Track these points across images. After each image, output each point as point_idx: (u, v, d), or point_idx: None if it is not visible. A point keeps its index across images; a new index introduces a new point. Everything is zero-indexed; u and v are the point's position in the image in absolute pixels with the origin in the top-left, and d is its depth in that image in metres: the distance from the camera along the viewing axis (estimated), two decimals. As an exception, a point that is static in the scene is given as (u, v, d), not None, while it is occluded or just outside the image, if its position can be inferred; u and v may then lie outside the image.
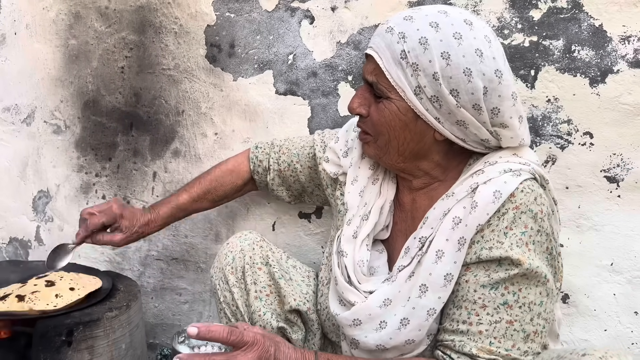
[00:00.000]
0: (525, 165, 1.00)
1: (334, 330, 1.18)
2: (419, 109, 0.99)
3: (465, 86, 0.96)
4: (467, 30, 0.96)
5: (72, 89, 1.74)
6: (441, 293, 0.98)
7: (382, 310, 1.02)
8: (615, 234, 1.35)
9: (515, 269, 0.94)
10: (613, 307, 1.37)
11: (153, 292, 1.75)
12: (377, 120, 1.04)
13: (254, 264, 1.21)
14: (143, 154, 1.70)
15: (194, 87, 1.63)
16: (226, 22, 1.57)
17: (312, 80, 1.52)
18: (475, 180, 1.00)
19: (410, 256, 1.03)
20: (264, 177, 1.39)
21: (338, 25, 1.48)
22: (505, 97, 0.98)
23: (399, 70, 0.98)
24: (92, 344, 1.22)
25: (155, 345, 1.76)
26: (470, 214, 0.96)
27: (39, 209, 1.83)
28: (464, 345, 0.95)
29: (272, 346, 0.92)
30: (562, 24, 1.32)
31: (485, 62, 0.96)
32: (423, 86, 0.97)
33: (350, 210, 1.14)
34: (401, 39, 0.97)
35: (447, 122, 1.00)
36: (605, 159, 1.33)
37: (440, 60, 0.95)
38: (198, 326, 0.88)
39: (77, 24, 1.71)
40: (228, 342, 0.89)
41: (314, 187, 1.35)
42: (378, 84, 1.01)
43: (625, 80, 1.30)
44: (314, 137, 1.32)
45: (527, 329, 0.94)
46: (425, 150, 1.05)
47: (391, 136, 1.03)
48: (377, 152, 1.08)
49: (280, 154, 1.36)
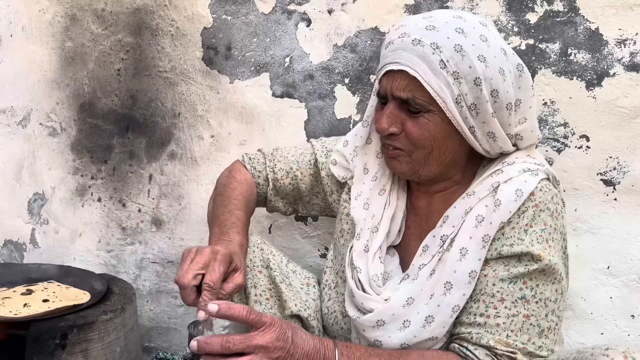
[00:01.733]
0: (540, 166, 1.03)
1: (343, 334, 1.18)
2: (457, 119, 0.99)
3: (502, 85, 0.98)
4: (487, 32, 0.99)
5: (68, 91, 1.74)
6: (465, 290, 0.99)
7: (406, 310, 1.03)
8: (611, 237, 1.35)
9: (534, 265, 0.96)
10: (610, 311, 1.37)
11: (149, 295, 1.74)
12: (418, 136, 1.01)
13: (254, 266, 1.19)
14: (139, 156, 1.70)
15: (190, 90, 1.62)
16: (223, 25, 1.57)
17: (309, 83, 1.52)
18: (495, 179, 1.02)
19: (430, 254, 1.04)
20: (265, 187, 1.31)
21: (335, 28, 1.48)
22: (526, 88, 1.02)
23: (440, 81, 0.96)
24: (87, 347, 1.21)
25: (151, 349, 1.75)
26: (494, 212, 0.99)
27: (34, 211, 1.82)
28: (481, 338, 0.96)
29: (289, 329, 0.91)
30: (559, 27, 1.33)
31: (509, 59, 0.99)
32: (464, 94, 0.97)
33: (358, 224, 1.14)
34: (436, 50, 0.95)
35: (479, 132, 1.01)
36: (601, 162, 1.33)
37: (480, 64, 0.96)
38: (219, 303, 0.88)
39: (73, 26, 1.71)
40: (247, 320, 0.88)
41: (312, 196, 1.31)
42: (416, 99, 0.99)
43: (621, 83, 1.30)
44: (313, 144, 1.30)
45: (542, 324, 0.97)
46: (460, 157, 1.07)
47: (434, 147, 1.03)
48: (412, 167, 1.06)
49: (275, 162, 1.30)
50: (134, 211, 1.72)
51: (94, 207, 1.75)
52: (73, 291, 1.37)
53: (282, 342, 0.89)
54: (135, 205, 1.72)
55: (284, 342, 0.89)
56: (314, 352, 0.92)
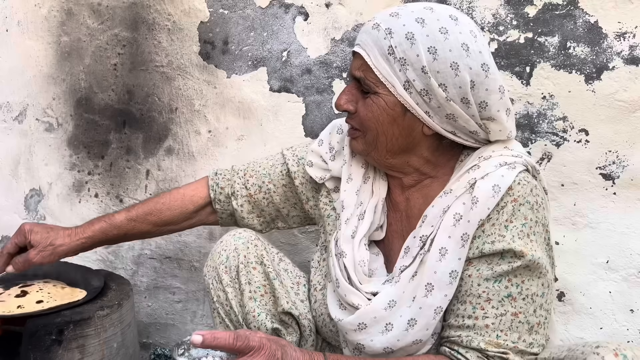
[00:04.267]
0: (518, 158, 1.01)
1: (333, 336, 1.17)
2: (410, 103, 1.00)
3: (452, 80, 0.97)
4: (453, 25, 0.98)
5: (64, 87, 1.73)
6: (447, 290, 0.98)
7: (388, 312, 1.02)
8: (610, 232, 1.34)
9: (518, 261, 0.95)
10: (609, 305, 1.37)
11: (146, 291, 1.73)
12: (364, 116, 1.04)
13: (249, 263, 1.18)
14: (136, 151, 1.69)
15: (187, 85, 1.61)
16: (220, 19, 1.56)
17: (307, 77, 1.51)
18: (472, 175, 1.00)
19: (411, 256, 1.03)
20: (227, 205, 1.30)
21: (332, 22, 1.47)
22: (492, 90, 0.99)
23: (387, 66, 0.99)
24: (83, 343, 1.20)
25: (149, 345, 1.75)
26: (472, 210, 0.97)
27: (31, 207, 1.81)
28: (471, 340, 0.95)
29: (278, 350, 0.90)
30: (558, 21, 1.32)
31: (471, 56, 0.97)
32: (412, 80, 0.98)
33: (347, 209, 1.13)
34: (388, 35, 0.98)
35: (437, 116, 1.01)
36: (600, 156, 1.32)
37: (427, 55, 0.96)
38: (203, 334, 0.86)
39: (69, 20, 1.70)
40: (234, 348, 0.87)
41: (290, 208, 1.29)
42: (365, 80, 1.02)
43: (620, 77, 1.29)
44: (283, 153, 1.27)
45: (531, 320, 0.96)
46: (414, 145, 1.05)
47: (379, 131, 1.04)
48: (365, 148, 1.08)
49: (247, 178, 1.28)
50: (131, 207, 1.71)
51: (91, 202, 1.74)
52: (69, 290, 1.36)
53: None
54: (133, 201, 1.71)
55: None
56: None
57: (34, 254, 1.26)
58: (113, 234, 1.30)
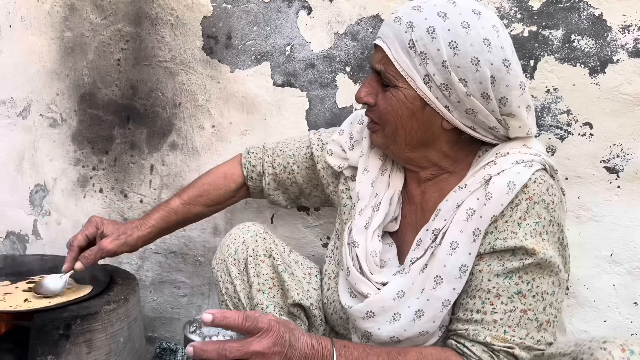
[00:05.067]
0: (536, 156, 1.01)
1: (342, 324, 1.18)
2: (429, 97, 1.00)
3: (473, 75, 0.97)
4: (475, 20, 0.98)
5: (68, 82, 1.73)
6: (456, 284, 0.99)
7: (396, 302, 1.03)
8: (614, 225, 1.34)
9: (529, 259, 0.95)
10: (613, 298, 1.37)
11: (152, 286, 1.74)
12: (384, 109, 1.04)
13: (257, 256, 1.20)
14: (140, 147, 1.69)
15: (190, 79, 1.61)
16: (223, 13, 1.56)
17: (310, 72, 1.51)
18: (487, 171, 1.01)
19: (423, 248, 1.04)
20: (258, 182, 1.36)
21: (336, 16, 1.47)
22: (513, 86, 0.99)
23: (408, 59, 0.99)
24: (90, 337, 1.21)
25: (154, 339, 1.76)
26: (485, 205, 0.98)
27: (36, 202, 1.82)
28: (478, 334, 0.96)
29: (286, 332, 0.91)
30: (562, 14, 1.31)
31: (493, 52, 0.97)
32: (432, 74, 0.98)
33: (362, 200, 1.14)
34: (409, 28, 0.98)
35: (457, 111, 1.01)
36: (605, 150, 1.32)
37: (448, 49, 0.96)
38: (213, 312, 0.87)
39: (72, 16, 1.70)
40: (243, 328, 0.88)
41: (312, 189, 1.33)
42: (386, 73, 1.02)
43: (625, 70, 1.29)
44: (310, 137, 1.31)
45: (540, 318, 0.96)
46: (433, 140, 1.06)
47: (398, 125, 1.04)
48: (384, 141, 1.09)
49: (274, 157, 1.33)
50: (136, 202, 1.72)
51: (96, 198, 1.75)
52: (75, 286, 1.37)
53: (279, 346, 0.88)
54: (137, 196, 1.71)
55: (281, 347, 0.88)
56: (312, 354, 0.92)
57: (108, 242, 1.27)
58: (172, 219, 1.35)
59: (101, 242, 1.28)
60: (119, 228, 1.31)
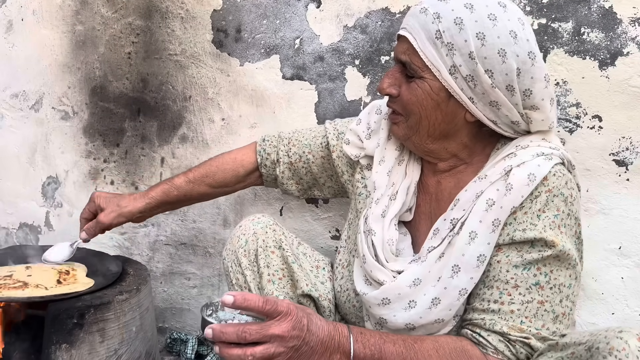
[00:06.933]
0: (555, 150, 1.02)
1: (355, 312, 1.19)
2: (454, 88, 1.01)
3: (499, 67, 0.98)
4: (502, 12, 0.99)
5: (79, 75, 1.75)
6: (473, 274, 1.00)
7: (412, 290, 1.04)
8: (623, 218, 1.34)
9: (548, 251, 0.96)
10: (621, 291, 1.37)
11: (162, 277, 1.76)
12: (408, 100, 1.05)
13: (267, 247, 1.21)
14: (151, 139, 1.71)
15: (200, 73, 1.62)
16: (232, 7, 1.57)
17: (319, 65, 1.52)
18: (508, 163, 1.02)
19: (440, 237, 1.05)
20: (272, 170, 1.37)
21: (345, 9, 1.47)
22: (537, 79, 1.00)
23: (434, 50, 1.00)
24: (103, 327, 1.23)
25: (165, 329, 1.78)
26: (505, 196, 0.99)
27: (48, 194, 1.84)
28: (494, 324, 0.97)
29: (304, 317, 0.92)
30: (572, 6, 1.31)
31: (519, 44, 0.98)
32: (458, 65, 0.99)
33: (379, 189, 1.15)
34: (436, 19, 0.99)
35: (481, 103, 1.02)
36: (614, 143, 1.32)
37: (476, 41, 0.97)
38: (234, 294, 0.87)
39: (83, 9, 1.71)
40: (263, 311, 0.89)
41: (326, 179, 1.34)
42: (411, 64, 1.03)
43: (635, 62, 1.28)
44: (326, 126, 1.32)
45: (556, 310, 0.97)
46: (455, 132, 1.07)
47: (422, 115, 1.05)
48: (406, 132, 1.10)
49: (290, 146, 1.34)
50: (147, 194, 1.74)
51: (107, 190, 1.77)
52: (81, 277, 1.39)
53: (297, 330, 0.89)
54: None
55: (299, 331, 0.90)
56: (329, 339, 0.93)
57: (103, 215, 1.35)
58: (174, 194, 1.38)
59: (99, 215, 1.36)
60: (114, 200, 1.37)
